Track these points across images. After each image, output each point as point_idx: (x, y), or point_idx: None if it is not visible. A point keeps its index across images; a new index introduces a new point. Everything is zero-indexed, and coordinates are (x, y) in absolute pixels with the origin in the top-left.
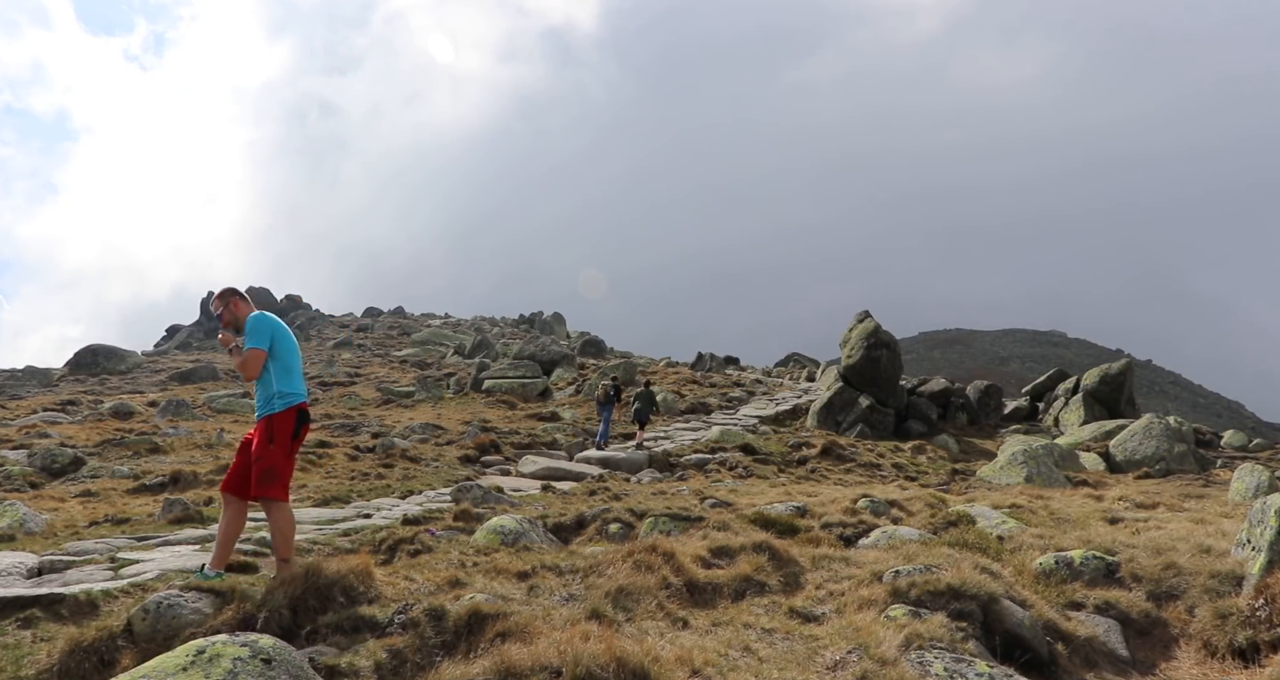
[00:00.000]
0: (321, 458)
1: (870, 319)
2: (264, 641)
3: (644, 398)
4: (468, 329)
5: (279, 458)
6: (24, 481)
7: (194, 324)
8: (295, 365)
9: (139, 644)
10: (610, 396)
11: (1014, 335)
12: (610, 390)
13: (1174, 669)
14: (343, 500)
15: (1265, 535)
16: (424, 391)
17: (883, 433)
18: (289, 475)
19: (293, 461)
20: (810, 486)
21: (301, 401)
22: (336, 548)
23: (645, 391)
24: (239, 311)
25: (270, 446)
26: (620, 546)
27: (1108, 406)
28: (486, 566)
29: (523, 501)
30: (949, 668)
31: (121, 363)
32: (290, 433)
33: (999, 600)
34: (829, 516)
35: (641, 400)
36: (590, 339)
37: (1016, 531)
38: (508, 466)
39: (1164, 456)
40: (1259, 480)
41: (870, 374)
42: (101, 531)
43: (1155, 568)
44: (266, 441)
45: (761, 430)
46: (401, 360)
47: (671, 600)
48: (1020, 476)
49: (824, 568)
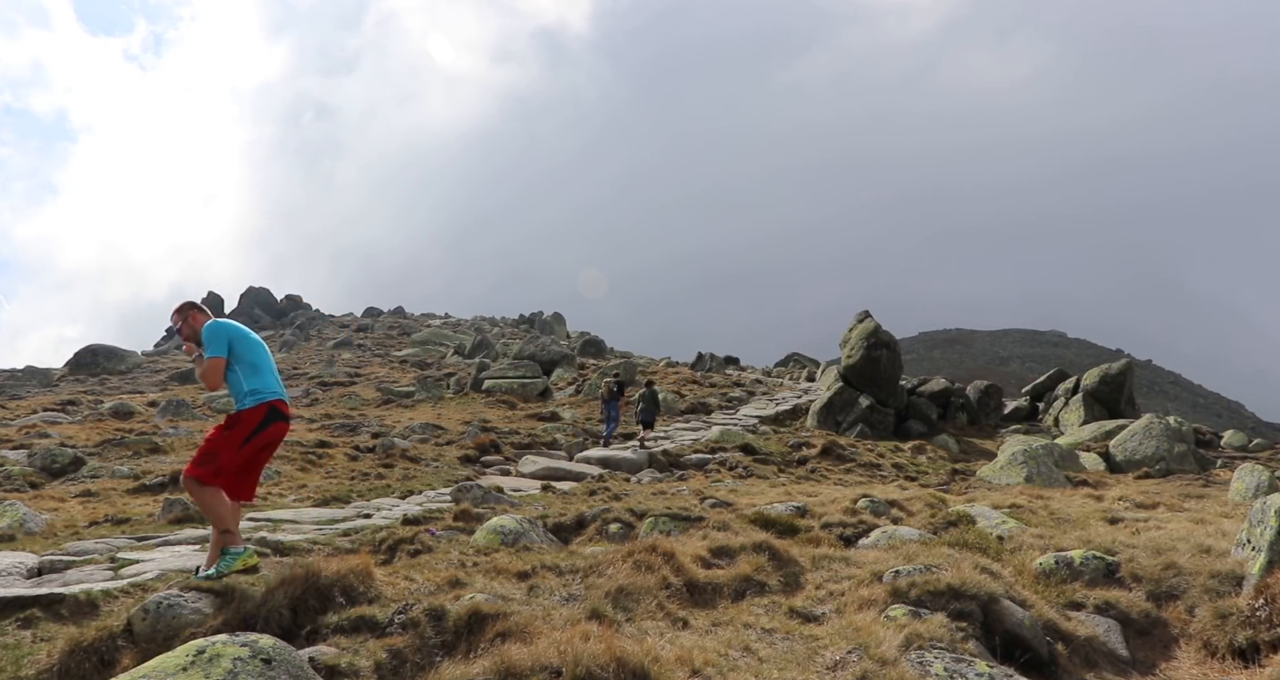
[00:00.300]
0: (321, 458)
1: (870, 319)
2: (264, 641)
3: (648, 398)
4: (468, 329)
5: (227, 445)
6: (24, 481)
7: None
8: (263, 363)
9: (139, 644)
10: (614, 394)
11: (1014, 335)
12: (613, 387)
13: (1174, 669)
14: (343, 500)
15: (1265, 535)
16: (424, 391)
17: (883, 433)
18: (229, 467)
19: (243, 457)
20: (810, 486)
21: (275, 398)
22: (336, 548)
23: (649, 392)
24: (196, 324)
25: (225, 433)
26: (620, 546)
27: (1108, 406)
28: (486, 566)
29: (523, 501)
30: (949, 668)
31: (121, 363)
32: (254, 426)
33: (999, 600)
34: (829, 516)
35: (646, 401)
36: (590, 339)
37: (1016, 531)
38: (508, 466)
39: (1164, 456)
40: (1259, 480)
41: (870, 374)
42: (101, 531)
43: (1155, 568)
44: (224, 428)
45: (761, 430)
46: (401, 360)
47: (671, 600)
48: (1020, 476)
49: (824, 568)
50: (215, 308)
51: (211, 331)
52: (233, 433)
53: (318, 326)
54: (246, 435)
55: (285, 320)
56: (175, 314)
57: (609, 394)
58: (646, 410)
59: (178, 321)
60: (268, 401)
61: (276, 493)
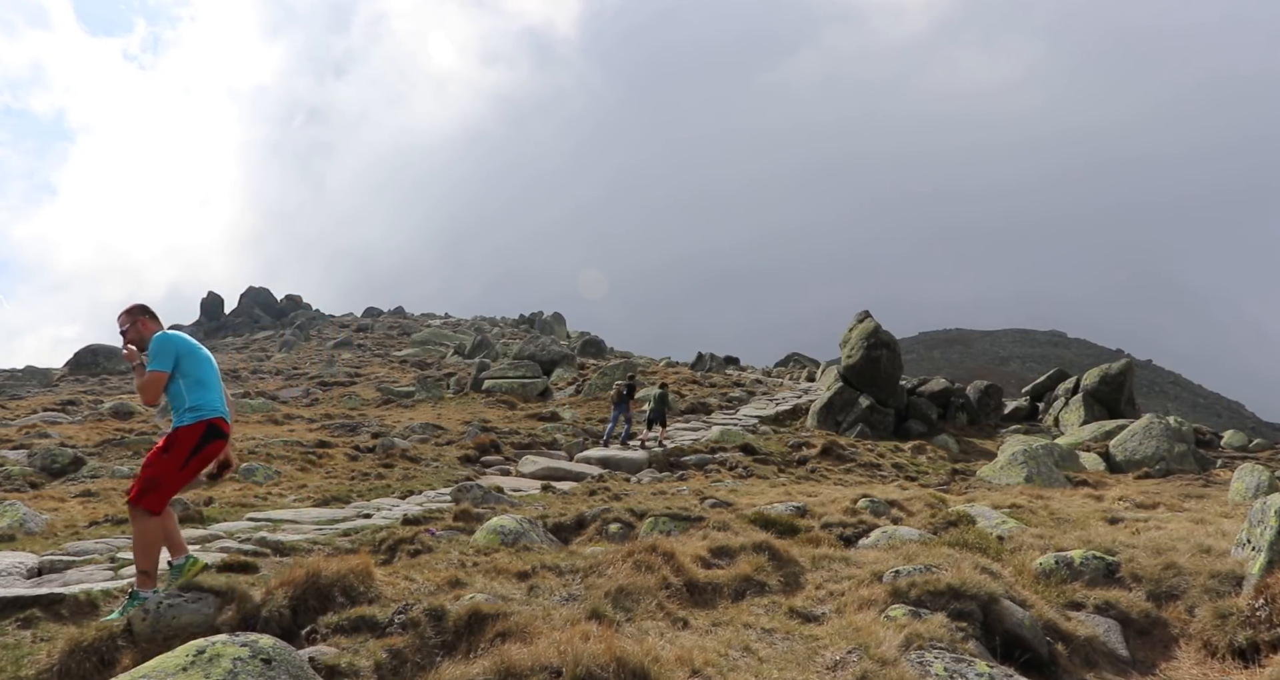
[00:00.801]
0: (321, 458)
1: (870, 319)
2: (264, 641)
3: (660, 399)
4: (468, 329)
5: (169, 469)
6: (24, 481)
7: (194, 324)
8: (209, 379)
9: (139, 644)
10: (624, 395)
11: (1014, 335)
12: (624, 389)
13: (1174, 669)
14: (343, 500)
15: (1265, 535)
16: (424, 391)
17: (883, 433)
18: (173, 490)
19: (187, 477)
20: (810, 486)
21: (214, 416)
22: (336, 548)
23: (661, 392)
24: (145, 331)
25: (164, 455)
26: (620, 546)
27: (1108, 406)
28: (486, 566)
29: (523, 501)
30: (949, 668)
31: (121, 363)
32: (192, 446)
33: (999, 600)
34: (829, 516)
35: (657, 401)
36: (590, 339)
37: (1016, 531)
38: (508, 466)
39: (1164, 456)
40: (1259, 480)
41: (870, 374)
42: (101, 531)
43: (1155, 568)
44: (162, 450)
45: (761, 430)
46: (401, 360)
47: (671, 600)
48: (1020, 476)
49: (824, 568)
50: (215, 307)
51: (160, 345)
52: (172, 455)
53: (318, 326)
54: (186, 456)
55: (285, 320)
56: (125, 315)
57: (619, 396)
58: (657, 409)
59: (126, 323)
60: (207, 419)
61: (277, 493)
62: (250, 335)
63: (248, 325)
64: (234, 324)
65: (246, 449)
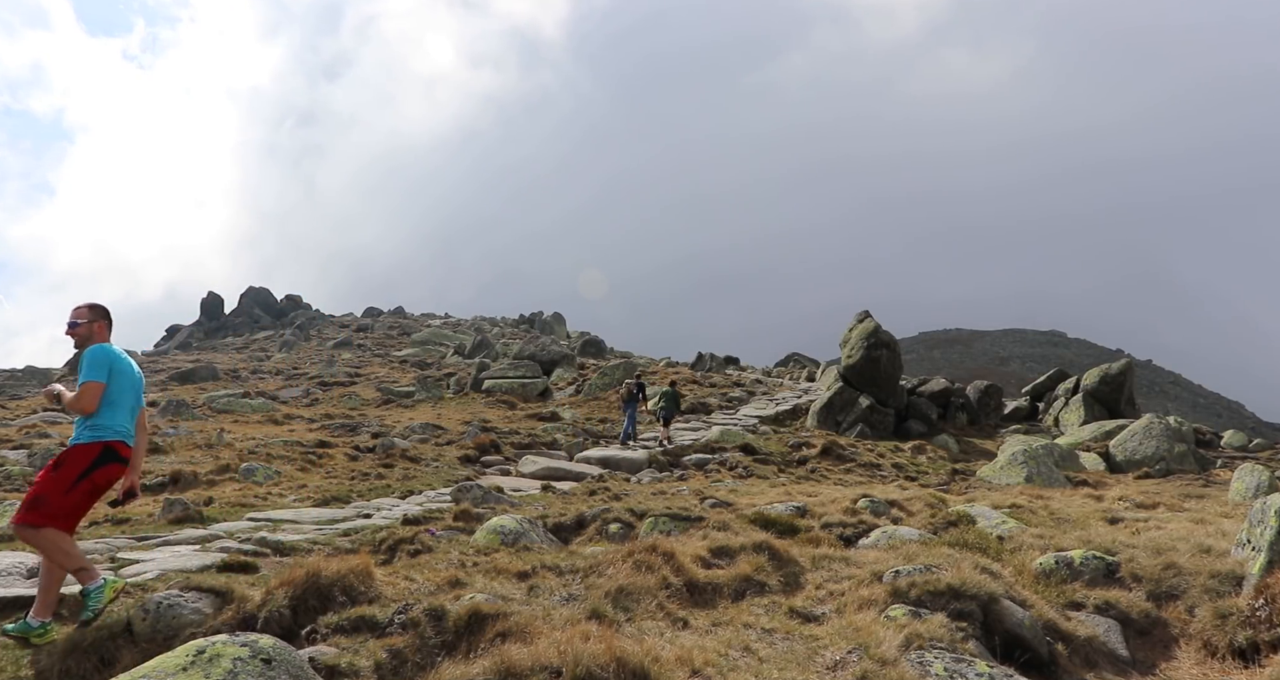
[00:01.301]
0: (321, 458)
1: (870, 319)
2: (264, 641)
3: (669, 397)
4: (468, 329)
5: (55, 488)
6: (24, 481)
7: (194, 324)
8: (122, 401)
9: (139, 644)
10: (634, 395)
11: (1014, 335)
12: (634, 388)
13: (1174, 669)
14: (343, 500)
15: (1265, 535)
16: (424, 391)
17: (883, 433)
18: (58, 511)
19: (75, 500)
20: (810, 486)
21: (114, 439)
22: (336, 548)
23: (671, 391)
24: (96, 335)
25: (54, 472)
26: (620, 546)
27: (1108, 406)
28: (486, 566)
29: (523, 501)
30: (949, 668)
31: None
32: (85, 466)
33: (999, 600)
34: (829, 516)
35: (667, 399)
36: (590, 339)
37: (1016, 531)
38: (508, 466)
39: (1164, 456)
40: (1259, 480)
41: (870, 374)
42: (101, 531)
43: (1155, 568)
44: (53, 467)
45: (761, 430)
46: (401, 360)
47: (671, 600)
48: (1020, 476)
49: (824, 568)
50: (215, 307)
51: (98, 355)
52: (60, 473)
53: (318, 326)
54: (75, 477)
55: (285, 320)
56: (87, 310)
57: (628, 396)
58: (667, 408)
59: (85, 317)
60: (105, 440)
61: (277, 493)
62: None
63: (248, 325)
64: (234, 324)
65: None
